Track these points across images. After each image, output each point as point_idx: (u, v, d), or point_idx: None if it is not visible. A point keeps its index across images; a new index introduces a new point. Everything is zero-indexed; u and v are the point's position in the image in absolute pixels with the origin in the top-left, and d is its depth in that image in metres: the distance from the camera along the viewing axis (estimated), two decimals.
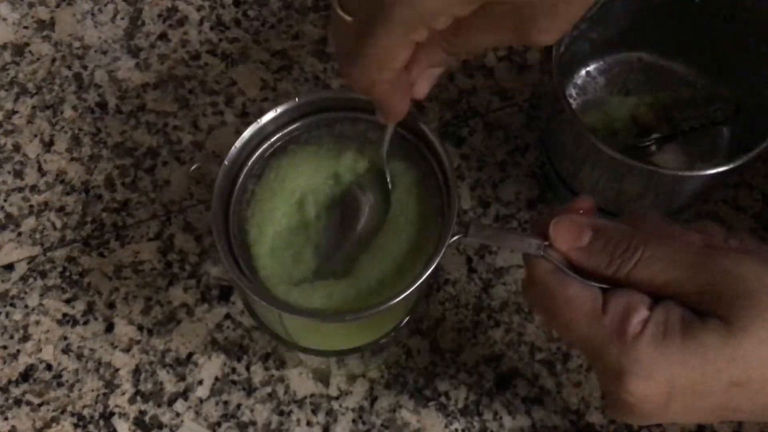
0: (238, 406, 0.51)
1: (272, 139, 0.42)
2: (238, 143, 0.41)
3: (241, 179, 0.42)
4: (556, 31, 0.33)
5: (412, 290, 0.37)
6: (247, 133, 0.41)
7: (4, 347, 0.53)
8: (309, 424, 0.50)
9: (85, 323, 0.53)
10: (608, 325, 0.33)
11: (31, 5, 0.63)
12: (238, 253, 0.40)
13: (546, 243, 0.36)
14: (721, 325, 0.32)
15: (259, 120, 0.41)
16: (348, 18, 0.34)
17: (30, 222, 0.56)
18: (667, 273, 0.33)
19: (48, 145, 0.58)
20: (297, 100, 0.42)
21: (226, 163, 0.41)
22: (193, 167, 0.44)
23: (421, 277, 0.37)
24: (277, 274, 0.41)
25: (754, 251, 0.34)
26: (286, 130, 0.43)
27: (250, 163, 0.42)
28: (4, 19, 0.62)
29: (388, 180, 0.41)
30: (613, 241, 0.35)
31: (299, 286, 0.41)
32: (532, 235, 0.36)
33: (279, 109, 0.42)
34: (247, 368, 0.52)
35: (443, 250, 0.37)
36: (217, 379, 0.52)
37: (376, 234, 0.41)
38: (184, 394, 0.51)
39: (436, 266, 0.38)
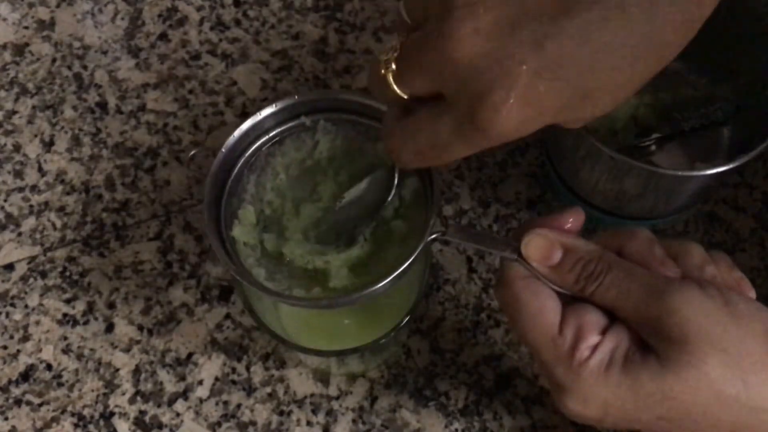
0: (238, 406, 0.51)
1: (271, 134, 0.43)
2: (237, 133, 0.42)
3: (236, 169, 0.42)
4: (590, 118, 0.35)
5: (391, 279, 0.38)
6: (246, 125, 0.42)
7: (4, 347, 0.53)
8: (309, 424, 0.50)
9: (85, 323, 0.53)
10: (560, 345, 0.35)
11: (31, 5, 0.63)
12: (228, 240, 0.41)
13: (519, 247, 0.38)
14: (658, 365, 0.34)
15: (259, 112, 0.42)
16: (400, 94, 0.35)
17: (30, 222, 0.56)
18: (621, 300, 0.35)
19: (48, 145, 0.58)
20: (296, 97, 0.43)
21: (223, 150, 0.41)
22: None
23: (399, 268, 0.38)
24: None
25: (718, 289, 0.35)
26: (284, 126, 0.43)
27: (247, 155, 0.43)
28: (4, 19, 0.62)
29: (396, 176, 0.42)
30: (581, 263, 0.37)
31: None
32: (509, 240, 0.38)
33: (278, 105, 0.42)
34: (247, 368, 0.52)
35: (420, 247, 0.38)
36: (217, 379, 0.52)
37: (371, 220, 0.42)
38: (184, 394, 0.51)
39: (417, 261, 0.39)
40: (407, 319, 0.43)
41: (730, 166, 0.44)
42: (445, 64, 0.32)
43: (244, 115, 0.58)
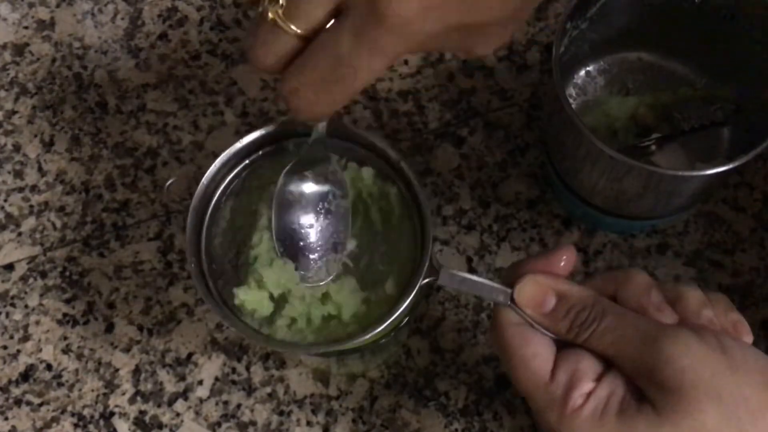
0: (238, 406, 0.51)
1: (251, 158, 0.43)
2: (218, 162, 0.41)
3: (215, 198, 0.42)
4: (492, 47, 0.34)
5: (379, 331, 0.38)
6: (229, 152, 0.41)
7: (4, 347, 0.53)
8: (309, 424, 0.50)
9: (85, 323, 0.53)
10: (553, 391, 0.35)
11: (31, 5, 0.63)
12: (209, 271, 0.41)
13: (512, 293, 0.37)
14: (653, 414, 0.33)
15: (240, 141, 0.41)
16: (296, 31, 0.32)
17: (30, 222, 0.56)
18: (615, 348, 0.35)
19: (48, 145, 0.58)
20: (276, 124, 0.42)
21: (204, 181, 0.41)
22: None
23: (389, 318, 0.38)
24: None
25: (715, 336, 0.34)
26: (264, 150, 0.43)
27: (225, 183, 0.42)
28: (4, 19, 0.62)
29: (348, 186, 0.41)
30: (574, 310, 0.36)
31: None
32: (500, 285, 0.38)
33: (259, 133, 0.42)
34: (247, 368, 0.52)
35: (414, 292, 0.38)
36: (217, 379, 0.52)
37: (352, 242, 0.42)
38: (184, 394, 0.51)
39: (408, 306, 0.38)
40: (407, 319, 0.43)
41: (730, 166, 0.44)
42: None
43: (244, 115, 0.58)
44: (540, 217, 0.55)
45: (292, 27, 0.31)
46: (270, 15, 0.31)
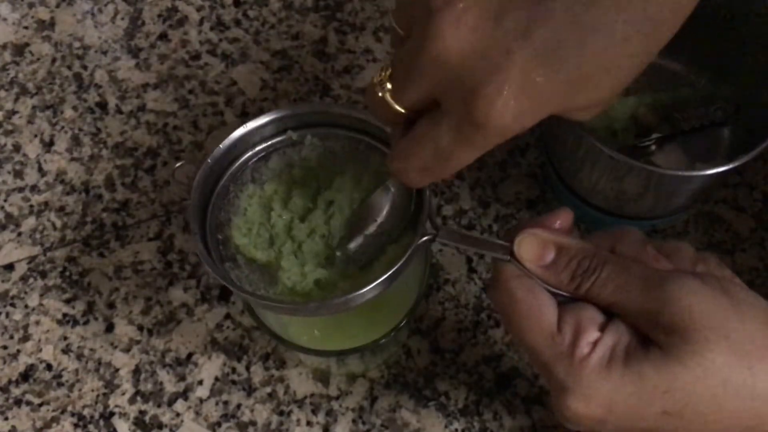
0: (238, 406, 0.51)
1: (257, 148, 0.43)
2: (224, 145, 0.42)
3: (222, 182, 0.42)
4: (594, 107, 0.35)
5: (382, 280, 0.38)
6: (235, 135, 0.42)
7: (4, 347, 0.53)
8: (309, 424, 0.50)
9: (85, 323, 0.53)
10: (559, 343, 0.35)
11: (31, 5, 0.63)
12: (213, 245, 0.41)
13: (512, 247, 0.37)
14: (661, 356, 0.33)
15: (245, 125, 0.42)
16: (399, 110, 0.35)
17: (30, 222, 0.56)
18: (619, 295, 0.35)
19: (48, 145, 0.58)
20: (287, 110, 0.42)
21: (209, 161, 0.41)
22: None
23: (387, 272, 0.38)
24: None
25: (716, 278, 0.35)
26: (271, 141, 0.43)
27: (233, 169, 0.43)
28: (4, 19, 0.62)
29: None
30: (575, 260, 0.36)
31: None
32: (501, 241, 0.38)
33: (267, 117, 0.42)
34: (247, 368, 0.52)
35: (411, 249, 0.38)
36: (217, 379, 0.52)
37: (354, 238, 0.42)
38: (184, 394, 0.51)
39: (411, 262, 0.39)
40: (407, 319, 0.43)
41: (730, 166, 0.44)
42: (434, 65, 0.32)
43: (244, 115, 0.58)
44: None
45: (396, 106, 0.35)
46: (380, 94, 0.35)
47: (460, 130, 0.33)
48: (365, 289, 0.38)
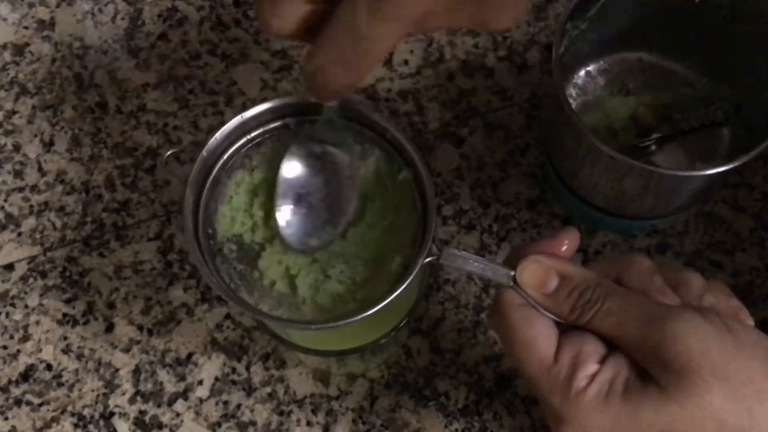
0: (238, 406, 0.51)
1: (252, 135, 0.42)
2: (219, 135, 0.41)
3: (215, 172, 0.42)
4: (509, 20, 0.34)
5: (380, 308, 0.38)
6: (229, 125, 0.41)
7: (4, 347, 0.53)
8: (309, 424, 0.50)
9: (85, 323, 0.53)
10: (556, 374, 0.34)
11: (31, 5, 0.63)
12: (205, 247, 0.41)
13: (514, 274, 0.37)
14: (659, 394, 0.33)
15: (242, 114, 0.41)
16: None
17: (30, 222, 0.56)
18: (619, 329, 0.35)
19: (48, 145, 0.58)
20: (282, 100, 0.42)
21: (204, 153, 0.41)
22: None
23: (389, 297, 0.38)
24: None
25: (719, 316, 0.34)
26: (266, 127, 0.42)
27: (225, 157, 0.42)
28: (4, 19, 0.62)
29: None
30: (577, 291, 0.36)
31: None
32: (503, 266, 0.37)
33: (263, 107, 0.41)
34: (247, 368, 0.52)
35: (415, 272, 0.38)
36: (217, 379, 0.52)
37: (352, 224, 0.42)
38: (184, 394, 0.51)
39: (407, 286, 0.38)
40: (407, 319, 0.43)
41: (730, 166, 0.44)
42: None
43: None
44: (540, 217, 0.55)
45: None
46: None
47: (375, 1, 0.32)
48: (366, 314, 0.38)
